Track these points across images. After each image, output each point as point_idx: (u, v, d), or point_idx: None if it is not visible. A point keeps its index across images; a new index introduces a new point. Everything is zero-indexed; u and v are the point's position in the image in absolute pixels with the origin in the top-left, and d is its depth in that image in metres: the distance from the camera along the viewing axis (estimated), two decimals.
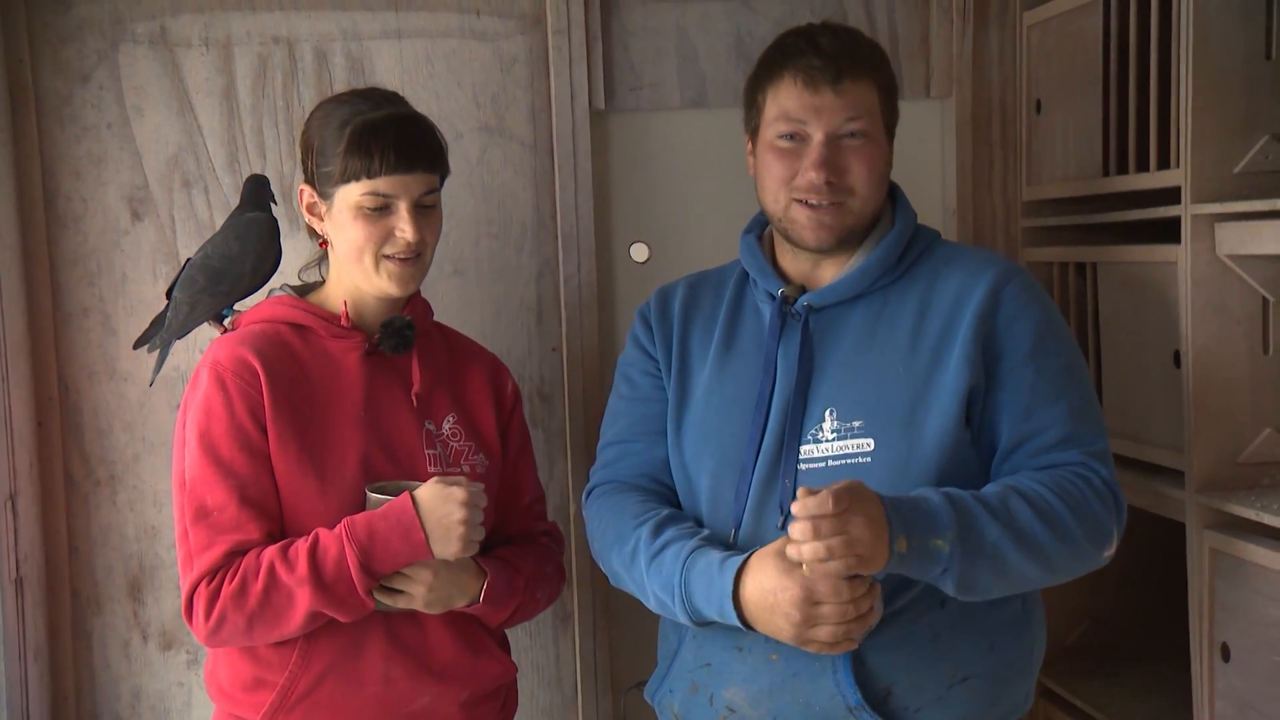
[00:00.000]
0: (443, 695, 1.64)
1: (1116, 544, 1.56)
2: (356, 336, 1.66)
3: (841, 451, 1.56)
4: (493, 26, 2.07)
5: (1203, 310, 1.74)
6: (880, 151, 1.62)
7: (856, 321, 1.62)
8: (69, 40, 1.98)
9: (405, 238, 1.60)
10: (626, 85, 2.12)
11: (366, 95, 1.66)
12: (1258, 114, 1.72)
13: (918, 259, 1.65)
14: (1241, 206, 1.67)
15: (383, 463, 1.62)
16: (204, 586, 1.54)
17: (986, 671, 1.56)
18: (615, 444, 1.75)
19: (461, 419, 1.71)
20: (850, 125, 1.59)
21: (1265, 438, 1.75)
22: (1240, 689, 1.69)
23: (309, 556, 1.52)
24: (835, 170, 1.59)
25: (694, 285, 1.78)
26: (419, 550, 1.53)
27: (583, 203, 2.10)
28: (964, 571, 1.44)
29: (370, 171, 1.58)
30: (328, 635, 1.58)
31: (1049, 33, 2.10)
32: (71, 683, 2.04)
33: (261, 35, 2.02)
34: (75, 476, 2.03)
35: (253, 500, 1.56)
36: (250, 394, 1.57)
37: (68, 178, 2.00)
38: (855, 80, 1.59)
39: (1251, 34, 1.72)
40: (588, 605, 2.12)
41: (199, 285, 1.71)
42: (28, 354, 1.98)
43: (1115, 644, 2.27)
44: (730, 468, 1.61)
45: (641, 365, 1.76)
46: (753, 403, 1.61)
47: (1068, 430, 1.55)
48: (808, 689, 1.53)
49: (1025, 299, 1.59)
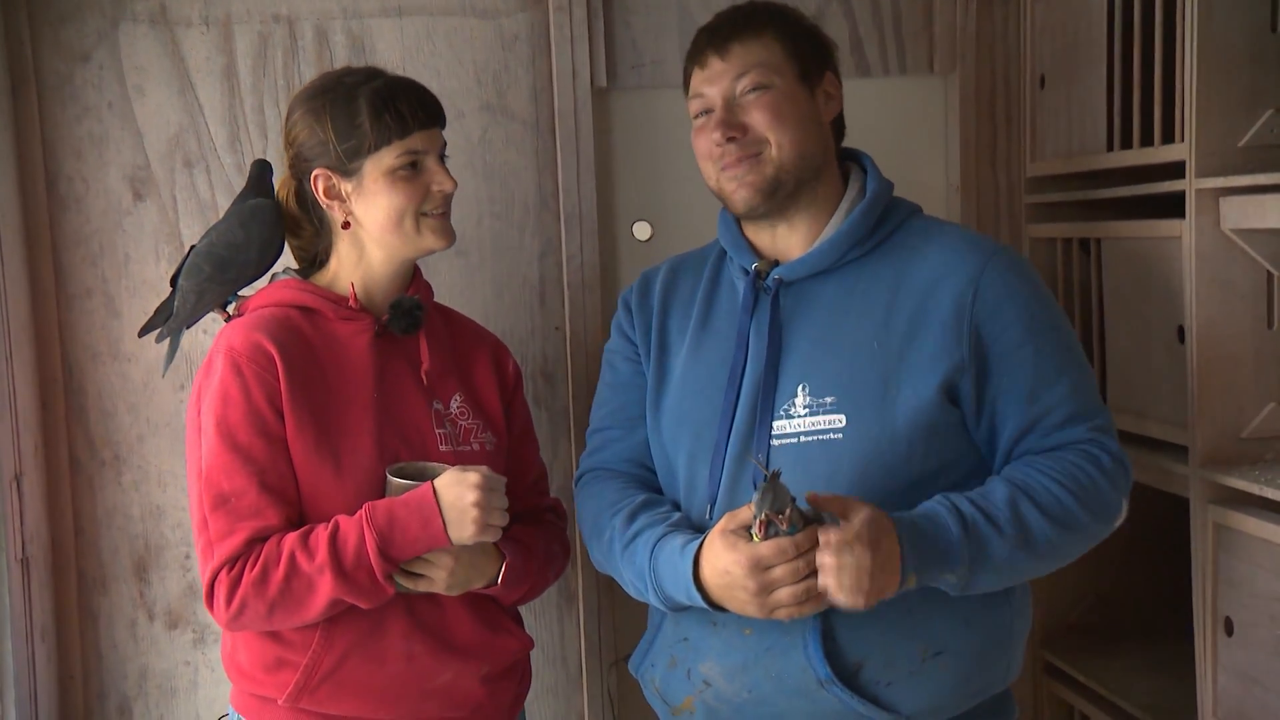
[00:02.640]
0: (464, 671, 1.65)
1: (1125, 513, 1.57)
2: (366, 318, 1.66)
3: (814, 427, 1.55)
4: (494, 4, 2.07)
5: (1207, 285, 1.73)
6: (787, 98, 1.60)
7: (829, 296, 1.61)
8: (69, 20, 1.97)
9: (445, 189, 1.65)
10: (628, 63, 2.11)
11: (350, 72, 1.67)
12: (1262, 88, 1.71)
13: (892, 233, 1.63)
14: (1246, 180, 1.66)
15: (396, 444, 1.62)
16: (225, 574, 1.54)
17: (962, 647, 1.55)
18: (599, 431, 1.77)
19: (468, 398, 1.72)
20: (742, 82, 1.60)
21: (1269, 412, 1.75)
22: (1243, 663, 1.69)
23: (329, 544, 1.53)
24: (735, 127, 1.59)
25: (674, 268, 1.78)
26: (436, 537, 1.54)
27: (585, 181, 2.09)
28: (966, 587, 1.48)
29: (404, 129, 1.60)
30: (349, 615, 1.58)
31: (1052, 7, 2.09)
32: (78, 662, 2.05)
33: (262, 14, 2.01)
34: (80, 457, 2.03)
35: (271, 486, 1.56)
36: (267, 379, 1.57)
37: (69, 158, 1.99)
38: (744, 41, 1.61)
39: (1257, 7, 1.70)
40: (591, 585, 2.13)
41: (205, 274, 1.70)
42: (31, 335, 1.98)
43: (1118, 619, 2.27)
44: (705, 446, 1.61)
45: (623, 351, 1.76)
46: (725, 380, 1.61)
47: (1072, 408, 1.55)
48: (780, 663, 1.53)
49: (1009, 281, 1.57)
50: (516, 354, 2.09)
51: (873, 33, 2.15)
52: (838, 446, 1.54)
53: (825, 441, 1.54)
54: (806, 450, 1.55)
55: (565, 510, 1.87)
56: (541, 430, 2.12)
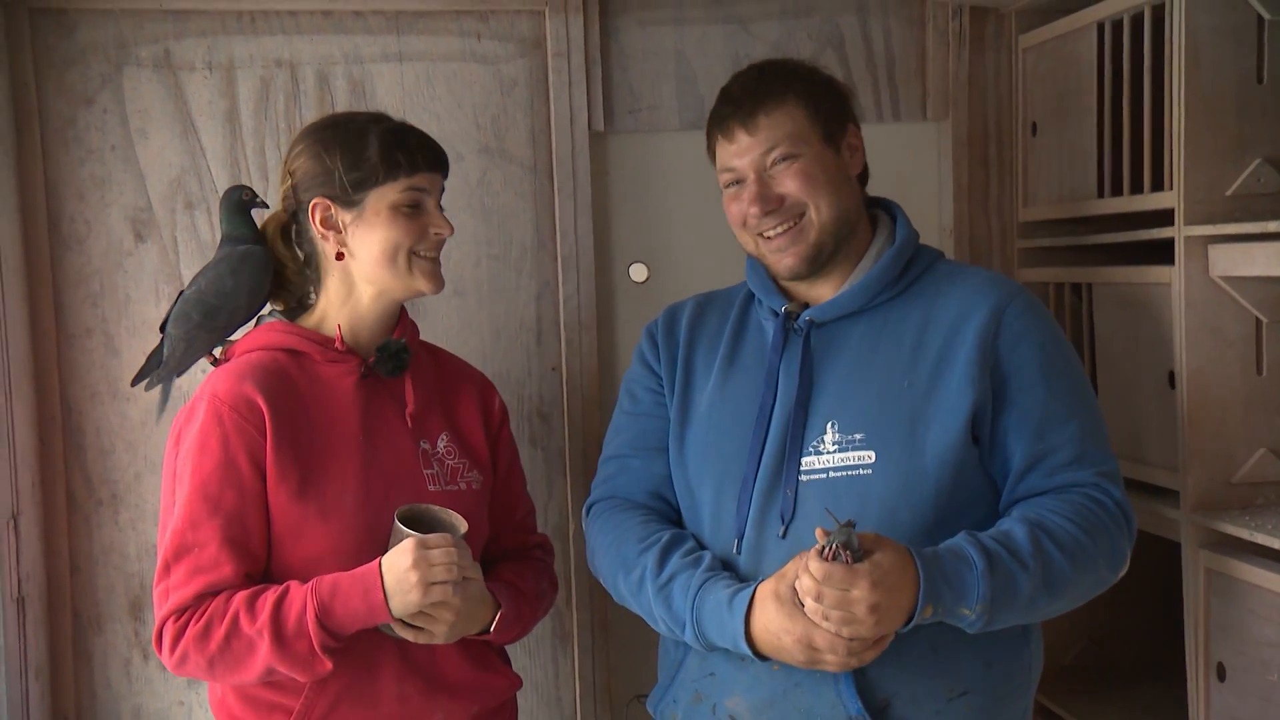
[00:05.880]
0: (454, 711, 1.66)
1: (1128, 564, 1.58)
2: (352, 360, 1.67)
3: (843, 463, 1.58)
4: (493, 49, 2.09)
5: (1196, 331, 1.75)
6: (815, 162, 1.64)
7: (858, 337, 1.64)
8: (73, 63, 2.00)
9: (442, 233, 1.67)
10: (625, 107, 2.14)
11: (359, 113, 1.71)
12: (1250, 137, 1.74)
13: (919, 276, 1.67)
14: (1234, 228, 1.68)
15: (383, 485, 1.63)
16: (172, 622, 1.56)
17: (984, 688, 1.58)
18: (615, 458, 1.77)
19: (454, 437, 1.73)
20: (772, 156, 1.64)
21: (1259, 458, 1.76)
22: (1235, 708, 1.70)
23: (273, 608, 1.53)
24: (771, 199, 1.64)
25: (702, 304, 1.80)
26: (376, 610, 1.53)
27: (582, 223, 2.11)
28: (985, 624, 1.49)
29: (414, 167, 1.63)
30: (342, 658, 1.57)
31: (1044, 56, 2.12)
32: (72, 702, 2.04)
33: (264, 58, 2.04)
34: (77, 496, 2.03)
35: (235, 540, 1.56)
36: (247, 430, 1.58)
37: (71, 199, 2.01)
38: (768, 111, 1.64)
39: (1243, 58, 1.74)
40: (586, 624, 2.13)
41: (194, 321, 1.70)
42: (31, 374, 1.99)
43: (1112, 663, 2.27)
44: (732, 481, 1.63)
45: (645, 381, 1.78)
46: (754, 417, 1.63)
47: (1080, 450, 1.57)
48: (809, 699, 1.55)
49: (1028, 320, 1.61)
50: (513, 394, 2.11)
51: (866, 79, 2.19)
52: (866, 482, 1.56)
53: (854, 477, 1.57)
54: (835, 485, 1.57)
55: (553, 547, 1.88)
56: (537, 470, 2.14)
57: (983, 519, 1.57)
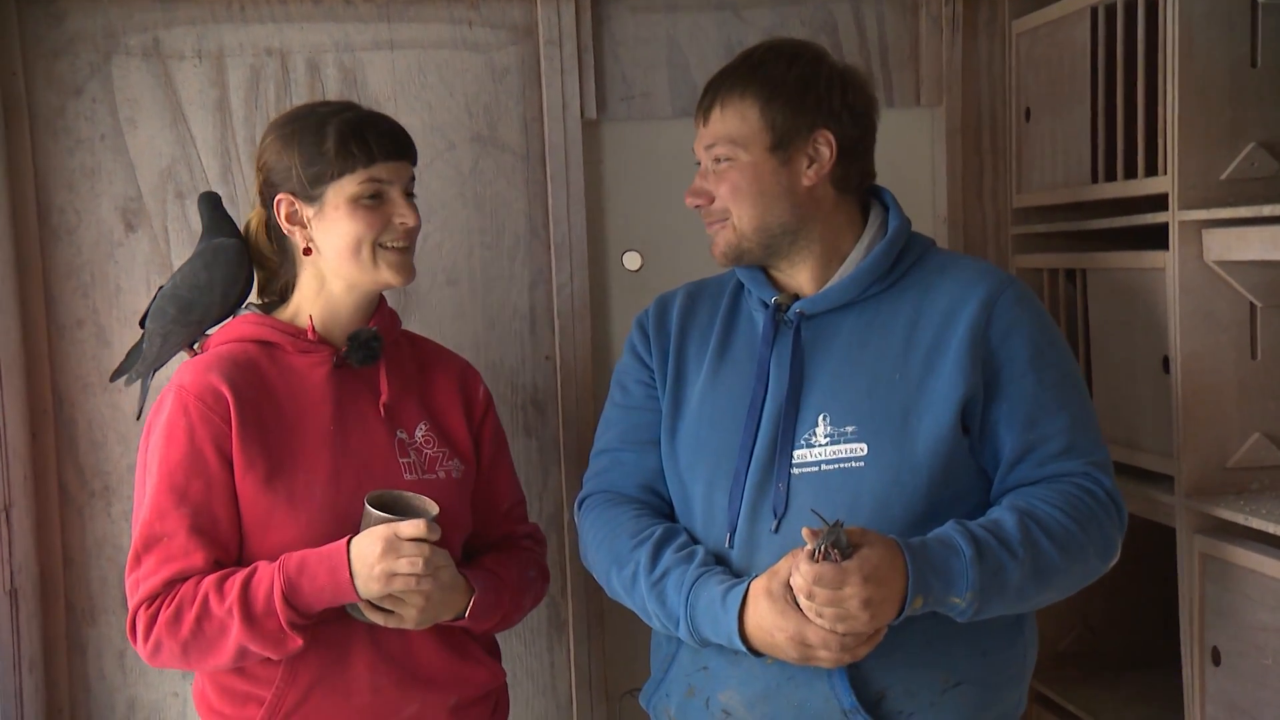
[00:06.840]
0: (430, 702, 1.65)
1: (1119, 554, 1.59)
2: (324, 351, 1.66)
3: (835, 456, 1.58)
4: (484, 37, 2.08)
5: (1191, 316, 1.75)
6: (748, 171, 1.62)
7: (849, 328, 1.63)
8: (62, 53, 1.98)
9: (407, 223, 1.64)
10: (618, 95, 2.13)
11: (325, 103, 1.70)
12: (1244, 121, 1.74)
13: (910, 267, 1.66)
14: (1228, 213, 1.68)
15: (356, 475, 1.63)
16: (144, 611, 1.57)
17: (979, 677, 1.58)
18: (607, 452, 1.77)
19: (433, 426, 1.72)
20: (713, 152, 1.65)
21: (1253, 443, 1.77)
22: (1231, 692, 1.70)
23: (241, 587, 1.54)
24: (702, 195, 1.67)
25: (692, 295, 1.79)
26: (343, 589, 1.53)
27: (575, 212, 2.11)
28: (976, 613, 1.49)
29: (369, 158, 1.61)
30: (313, 648, 1.58)
31: (1037, 41, 2.12)
32: (66, 694, 2.04)
33: (254, 47, 2.03)
34: (69, 488, 2.03)
35: (203, 529, 1.57)
36: (213, 420, 1.58)
37: (61, 190, 2.00)
38: (723, 107, 1.64)
39: (1237, 42, 1.73)
40: (581, 614, 2.13)
41: (169, 316, 1.70)
42: (22, 366, 1.98)
43: (1107, 649, 2.28)
44: (724, 475, 1.62)
45: (636, 374, 1.77)
46: (745, 411, 1.63)
47: (1070, 440, 1.58)
48: (803, 692, 1.55)
49: (1019, 311, 1.61)
50: (507, 383, 2.11)
51: (859, 65, 2.16)
52: (858, 475, 1.56)
53: (846, 470, 1.57)
54: (827, 479, 1.57)
55: (544, 537, 1.88)
56: (531, 459, 2.13)
57: (975, 510, 1.57)
